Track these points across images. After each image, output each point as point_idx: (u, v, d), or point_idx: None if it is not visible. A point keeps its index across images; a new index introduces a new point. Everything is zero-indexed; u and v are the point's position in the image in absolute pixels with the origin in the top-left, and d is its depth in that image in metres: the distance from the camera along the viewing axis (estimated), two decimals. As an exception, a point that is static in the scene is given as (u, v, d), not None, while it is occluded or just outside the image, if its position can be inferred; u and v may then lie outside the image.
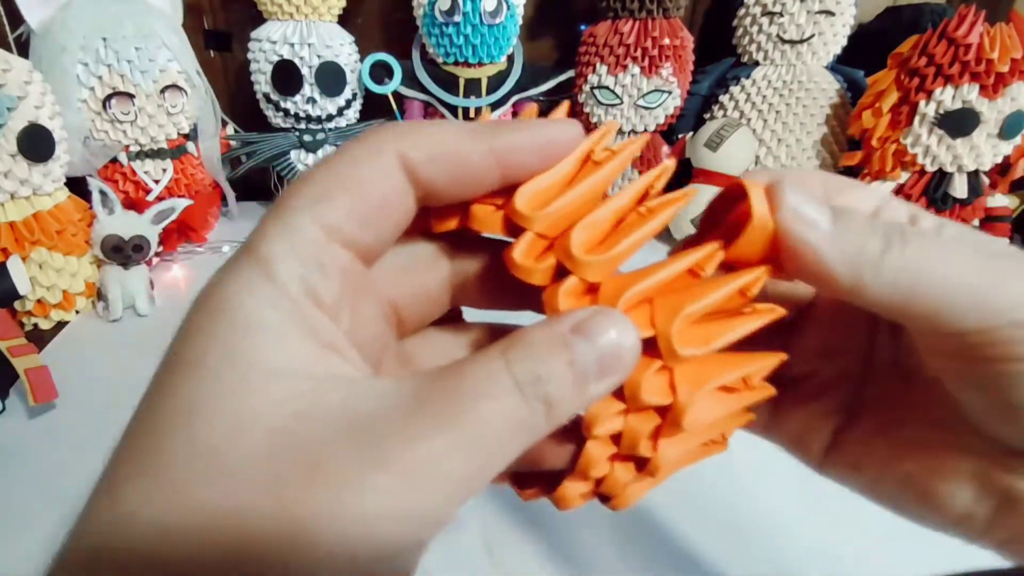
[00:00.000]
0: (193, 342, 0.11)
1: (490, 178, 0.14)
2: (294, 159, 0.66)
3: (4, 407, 0.39)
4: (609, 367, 0.12)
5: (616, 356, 0.13)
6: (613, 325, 0.13)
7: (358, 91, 0.67)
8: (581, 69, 0.65)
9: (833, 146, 0.67)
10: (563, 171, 0.14)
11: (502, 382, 0.12)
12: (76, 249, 0.50)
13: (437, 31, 0.62)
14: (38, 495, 0.33)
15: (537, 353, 0.12)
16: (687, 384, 0.14)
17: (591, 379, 0.12)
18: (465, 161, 0.13)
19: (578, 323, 0.12)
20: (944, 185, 0.56)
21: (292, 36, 0.61)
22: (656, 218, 0.14)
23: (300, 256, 0.12)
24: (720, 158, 0.61)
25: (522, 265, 0.14)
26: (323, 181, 0.12)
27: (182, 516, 0.10)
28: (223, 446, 0.10)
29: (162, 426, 0.11)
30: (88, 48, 0.54)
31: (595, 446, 0.15)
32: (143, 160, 0.60)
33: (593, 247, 0.14)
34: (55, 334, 0.49)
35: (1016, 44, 0.50)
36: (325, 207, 0.12)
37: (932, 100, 0.54)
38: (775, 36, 0.63)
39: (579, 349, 0.12)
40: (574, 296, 0.14)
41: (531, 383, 0.12)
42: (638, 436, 0.14)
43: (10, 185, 0.46)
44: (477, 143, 0.13)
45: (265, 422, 0.11)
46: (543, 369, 0.12)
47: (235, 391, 0.11)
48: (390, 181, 0.13)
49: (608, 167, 0.14)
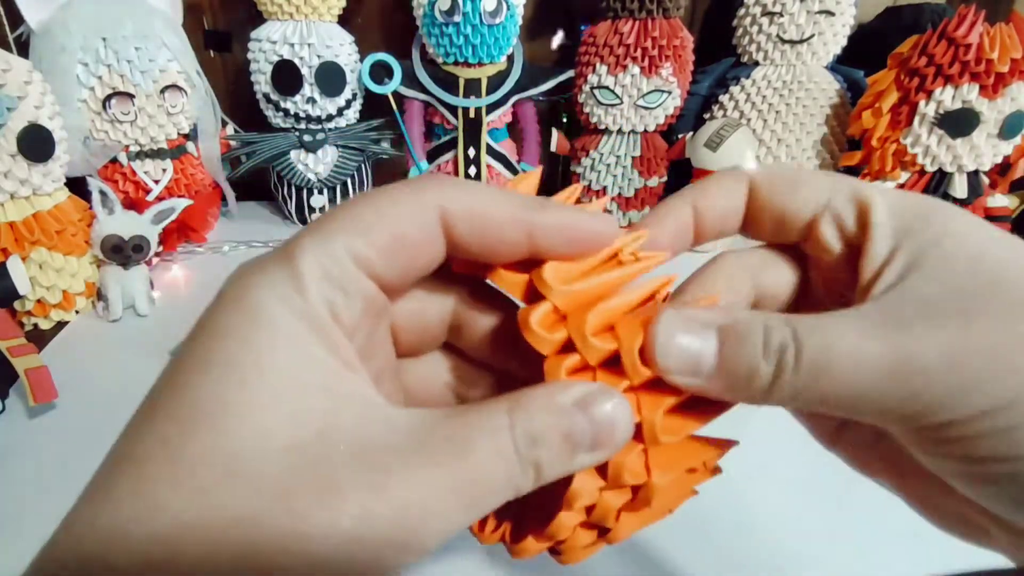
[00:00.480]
0: (225, 342, 0.12)
1: (519, 250, 0.14)
2: (294, 159, 0.66)
3: (4, 407, 0.39)
4: (601, 443, 0.13)
5: (609, 434, 0.13)
6: (612, 404, 0.13)
7: (358, 91, 0.67)
8: (581, 69, 0.65)
9: (833, 146, 0.67)
10: (591, 262, 0.15)
11: (503, 441, 0.12)
12: (76, 249, 0.50)
13: (437, 31, 0.62)
14: (38, 495, 0.33)
15: (539, 418, 0.13)
16: (660, 468, 0.15)
17: (582, 451, 0.13)
18: (500, 229, 0.14)
19: (582, 398, 0.13)
20: (944, 185, 0.56)
21: (292, 36, 0.61)
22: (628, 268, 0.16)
23: (330, 278, 0.13)
24: (720, 158, 0.61)
25: (535, 331, 0.14)
26: (364, 214, 0.13)
27: (200, 514, 0.11)
28: (245, 454, 0.11)
29: (189, 420, 0.11)
30: (88, 48, 0.54)
31: (568, 516, 0.16)
32: (143, 160, 0.60)
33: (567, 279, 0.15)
34: (55, 334, 0.49)
35: (1016, 44, 0.50)
36: (361, 238, 0.13)
37: (932, 100, 0.54)
38: (775, 36, 0.63)
39: (578, 423, 0.13)
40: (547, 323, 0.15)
41: (527, 446, 0.13)
42: (609, 511, 0.15)
43: (10, 185, 0.46)
44: (517, 216, 0.14)
45: (285, 437, 0.11)
46: (540, 435, 0.13)
47: (261, 399, 0.11)
48: (426, 228, 0.14)
49: (631, 268, 0.16)
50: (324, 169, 0.67)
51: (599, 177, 0.68)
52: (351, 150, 0.68)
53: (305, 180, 0.67)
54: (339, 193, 0.69)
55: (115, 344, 0.48)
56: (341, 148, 0.67)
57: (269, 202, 0.74)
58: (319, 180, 0.67)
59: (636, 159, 0.67)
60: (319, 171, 0.67)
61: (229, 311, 0.12)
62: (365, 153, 0.69)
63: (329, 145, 0.67)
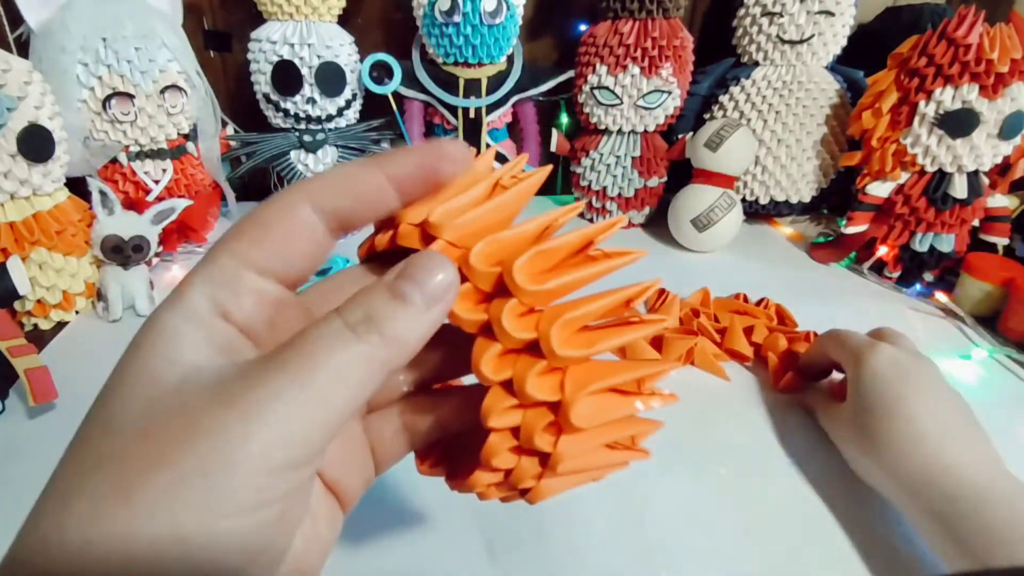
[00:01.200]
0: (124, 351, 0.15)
1: (389, 199, 0.16)
2: (294, 159, 0.66)
3: (4, 407, 0.39)
4: (435, 298, 0.15)
5: (439, 288, 0.15)
6: (427, 259, 0.15)
7: (358, 91, 0.67)
8: (581, 69, 0.65)
9: (833, 146, 0.67)
10: (475, 195, 0.16)
11: (335, 327, 0.14)
12: (76, 249, 0.50)
13: (437, 31, 0.62)
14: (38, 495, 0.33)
15: (366, 299, 0.14)
16: (574, 384, 0.16)
17: (421, 309, 0.15)
18: (363, 188, 0.16)
19: (401, 270, 0.15)
20: (944, 185, 0.56)
21: (292, 36, 0.61)
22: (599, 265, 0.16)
23: (210, 281, 0.15)
24: (720, 158, 0.61)
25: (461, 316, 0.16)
26: (240, 224, 0.15)
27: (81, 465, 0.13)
28: (118, 412, 0.13)
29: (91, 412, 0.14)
30: (88, 48, 0.54)
31: (496, 438, 0.17)
32: (143, 160, 0.60)
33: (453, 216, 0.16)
34: (55, 334, 0.49)
35: (1016, 44, 0.50)
36: (236, 242, 0.15)
37: (932, 100, 0.54)
38: (775, 36, 0.63)
39: (403, 287, 0.15)
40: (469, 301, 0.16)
41: (362, 323, 0.14)
42: (533, 428, 0.16)
43: (10, 185, 0.46)
44: (371, 170, 0.16)
45: (149, 393, 0.13)
46: (372, 310, 0.14)
47: (134, 375, 0.14)
48: (293, 215, 0.16)
49: (513, 191, 0.17)
50: (324, 169, 0.67)
51: (599, 177, 0.68)
52: (351, 150, 0.68)
53: (305, 180, 0.67)
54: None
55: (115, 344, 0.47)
56: (341, 148, 0.67)
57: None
58: (319, 180, 0.67)
59: (636, 159, 0.67)
60: (319, 171, 0.67)
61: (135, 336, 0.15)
62: (365, 153, 0.69)
63: (329, 145, 0.67)
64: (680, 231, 0.65)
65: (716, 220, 0.62)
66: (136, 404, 0.13)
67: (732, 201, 0.63)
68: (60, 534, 0.12)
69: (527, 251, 0.15)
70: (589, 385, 0.16)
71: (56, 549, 0.12)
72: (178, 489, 0.12)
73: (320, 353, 0.14)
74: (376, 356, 0.14)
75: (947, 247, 0.58)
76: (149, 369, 0.14)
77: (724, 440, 0.39)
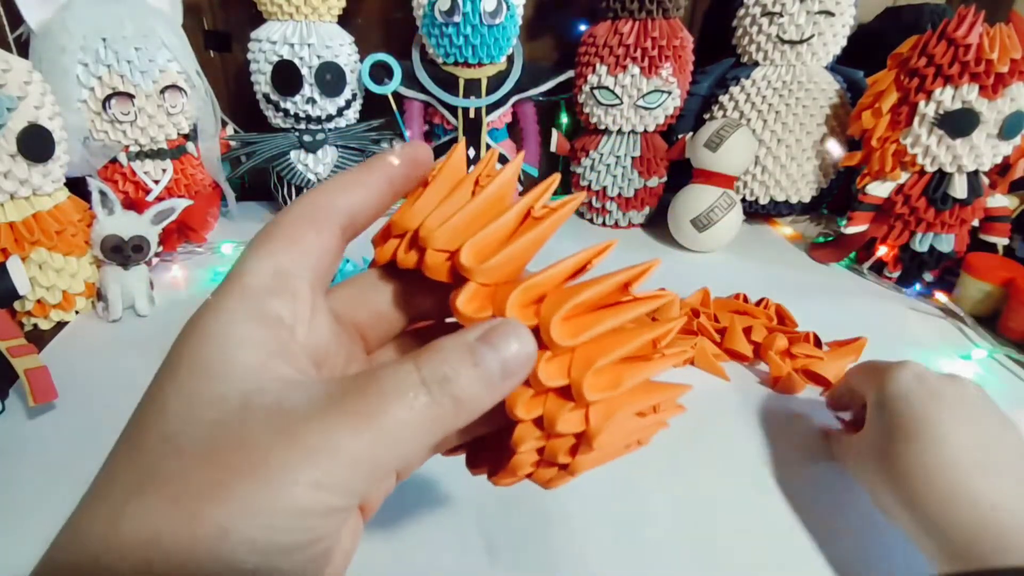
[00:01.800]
0: (171, 358, 0.14)
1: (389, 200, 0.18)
2: (294, 159, 0.66)
3: (4, 407, 0.39)
4: (511, 370, 0.15)
5: (515, 359, 0.15)
6: (512, 333, 0.15)
7: (358, 91, 0.67)
8: (581, 69, 0.65)
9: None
10: (505, 223, 0.17)
11: (409, 381, 0.14)
12: (76, 249, 0.50)
13: (437, 31, 0.62)
14: (38, 495, 0.33)
15: (445, 359, 0.14)
16: (600, 416, 0.16)
17: (496, 380, 0.15)
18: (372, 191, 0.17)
19: (484, 333, 0.15)
20: (944, 185, 0.56)
21: (292, 36, 0.61)
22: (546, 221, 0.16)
23: (260, 287, 0.15)
24: (720, 158, 0.61)
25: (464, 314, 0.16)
26: (271, 232, 0.16)
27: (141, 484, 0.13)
28: (178, 432, 0.13)
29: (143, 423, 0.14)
30: (88, 48, 0.54)
31: (523, 456, 0.17)
32: (143, 160, 0.60)
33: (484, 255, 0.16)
34: (55, 334, 0.49)
35: (1016, 44, 0.50)
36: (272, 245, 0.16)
37: (932, 100, 0.54)
38: (775, 36, 0.63)
39: (485, 356, 0.15)
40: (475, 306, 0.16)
41: (438, 383, 0.14)
42: (558, 452, 0.17)
43: (10, 185, 0.46)
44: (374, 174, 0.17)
45: (211, 413, 0.13)
46: (451, 372, 0.14)
47: (192, 392, 0.14)
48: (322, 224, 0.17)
49: (546, 224, 0.17)
50: (324, 169, 0.67)
51: (599, 177, 0.68)
52: (351, 150, 0.68)
53: (305, 180, 0.67)
54: (339, 193, 0.69)
55: (115, 344, 0.48)
56: (341, 148, 0.67)
57: (269, 202, 0.74)
58: (319, 180, 0.67)
59: (636, 159, 0.67)
60: (319, 171, 0.67)
61: (182, 334, 0.15)
62: (365, 153, 0.69)
63: (329, 145, 0.67)
64: (680, 231, 0.65)
65: (716, 220, 0.62)
66: (200, 427, 0.13)
67: (732, 201, 0.63)
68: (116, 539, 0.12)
69: (563, 302, 0.16)
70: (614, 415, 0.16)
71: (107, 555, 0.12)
72: (236, 523, 0.12)
73: (392, 405, 0.14)
74: (443, 418, 0.14)
75: (947, 247, 0.58)
76: (212, 385, 0.14)
77: (724, 440, 0.39)
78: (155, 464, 0.13)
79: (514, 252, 0.16)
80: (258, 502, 0.12)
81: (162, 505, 0.12)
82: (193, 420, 0.13)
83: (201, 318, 0.15)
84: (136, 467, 0.13)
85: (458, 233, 0.16)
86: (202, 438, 0.13)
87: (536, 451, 0.17)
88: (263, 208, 0.75)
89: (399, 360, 0.15)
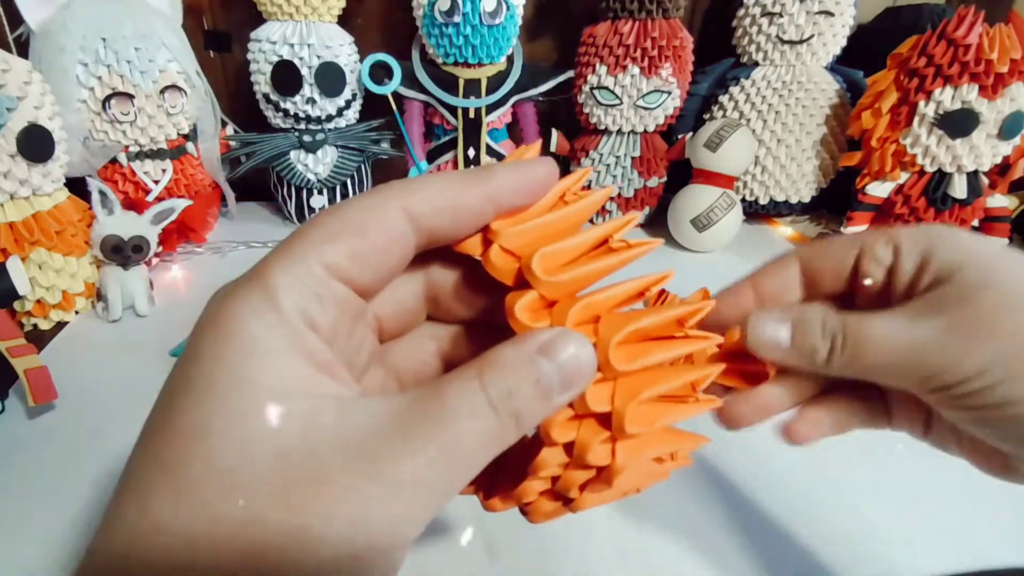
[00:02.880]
0: (203, 365, 0.13)
1: (485, 217, 0.16)
2: (293, 159, 0.66)
3: (4, 407, 0.39)
4: (570, 383, 0.14)
5: (576, 371, 0.14)
6: (573, 344, 0.14)
7: (358, 91, 0.67)
8: (581, 69, 0.65)
9: (832, 146, 0.67)
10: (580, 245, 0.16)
11: (478, 401, 0.13)
12: (75, 250, 0.50)
13: (437, 31, 0.62)
14: (38, 495, 0.33)
15: (509, 373, 0.14)
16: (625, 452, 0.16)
17: (555, 393, 0.14)
18: (465, 208, 0.15)
19: (543, 344, 0.14)
20: (943, 185, 0.56)
21: (292, 36, 0.61)
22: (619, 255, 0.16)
23: (302, 288, 0.14)
24: (720, 158, 0.61)
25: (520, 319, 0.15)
26: (331, 225, 0.14)
27: (207, 527, 0.11)
28: (237, 465, 0.12)
29: (181, 444, 0.12)
30: (88, 48, 0.54)
31: (534, 483, 0.17)
32: (143, 160, 0.60)
33: (553, 269, 0.16)
34: (55, 334, 0.49)
35: (1015, 45, 0.51)
36: (330, 248, 0.14)
37: (931, 100, 0.54)
38: (774, 37, 0.63)
39: (544, 368, 0.14)
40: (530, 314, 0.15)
41: (503, 400, 0.13)
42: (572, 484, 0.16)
43: (10, 185, 0.46)
44: (474, 191, 0.15)
45: (270, 443, 0.12)
46: (514, 387, 0.14)
47: (242, 413, 0.12)
48: (392, 230, 0.15)
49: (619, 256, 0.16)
50: (324, 169, 0.67)
51: (599, 177, 0.68)
52: (351, 150, 0.68)
53: (305, 180, 0.67)
54: (339, 193, 0.69)
55: (115, 344, 0.48)
56: (341, 148, 0.67)
57: (269, 202, 0.74)
58: (319, 180, 0.67)
59: (636, 159, 0.67)
60: (319, 171, 0.67)
61: (206, 334, 0.13)
62: (365, 153, 0.69)
63: (329, 145, 0.67)
64: (680, 231, 0.65)
65: (716, 220, 0.62)
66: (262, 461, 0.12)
67: (732, 201, 0.63)
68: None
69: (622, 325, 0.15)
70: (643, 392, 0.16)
71: None
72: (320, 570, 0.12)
73: (465, 429, 0.13)
74: (506, 436, 0.14)
75: (947, 247, 0.58)
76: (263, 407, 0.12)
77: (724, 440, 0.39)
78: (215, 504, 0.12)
79: (582, 274, 0.16)
80: (341, 546, 0.12)
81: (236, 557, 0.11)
82: (252, 452, 0.12)
83: (236, 322, 0.13)
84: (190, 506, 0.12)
85: (530, 239, 0.16)
86: (266, 474, 0.12)
87: (549, 479, 0.17)
88: (263, 208, 0.75)
89: (460, 375, 0.14)
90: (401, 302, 0.18)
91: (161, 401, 0.13)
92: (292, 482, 0.12)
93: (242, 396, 0.12)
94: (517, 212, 0.16)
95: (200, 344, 0.13)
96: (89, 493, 0.33)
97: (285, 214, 0.71)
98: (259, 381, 0.12)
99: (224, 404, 0.12)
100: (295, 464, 0.12)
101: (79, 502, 0.32)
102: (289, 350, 0.13)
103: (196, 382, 0.12)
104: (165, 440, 0.12)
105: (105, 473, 0.34)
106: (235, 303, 0.13)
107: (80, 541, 0.30)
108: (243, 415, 0.12)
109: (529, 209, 0.16)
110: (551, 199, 0.17)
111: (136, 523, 0.12)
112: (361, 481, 0.12)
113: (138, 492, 0.12)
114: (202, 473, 0.12)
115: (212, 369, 0.12)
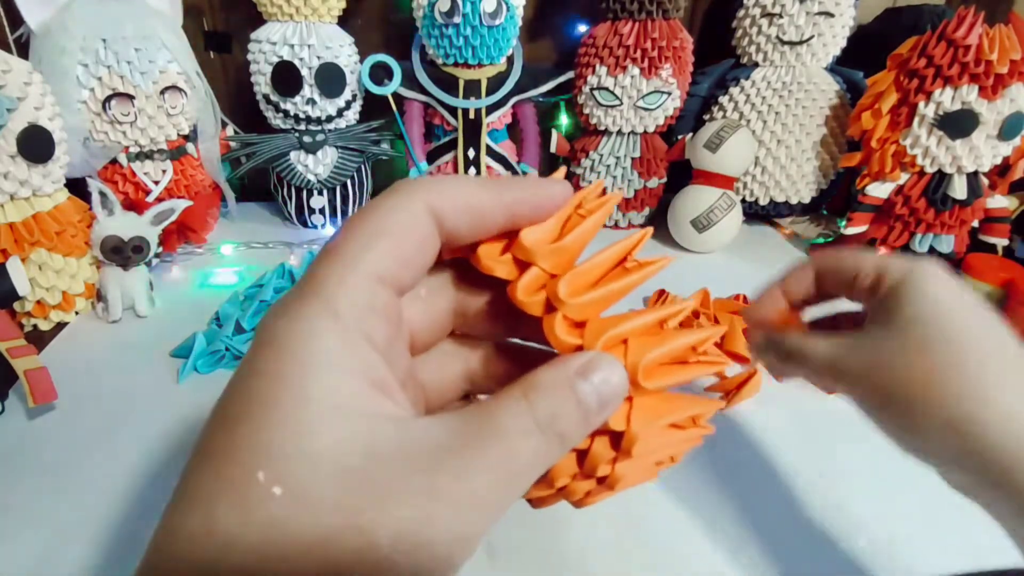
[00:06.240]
0: (265, 380, 0.13)
1: (499, 225, 0.16)
2: (294, 160, 0.66)
3: (4, 408, 0.39)
4: (606, 403, 0.15)
5: (612, 393, 0.15)
6: (609, 369, 0.15)
7: (358, 92, 0.67)
8: (581, 70, 0.65)
9: (832, 147, 0.67)
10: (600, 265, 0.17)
11: (527, 422, 0.14)
12: (76, 250, 0.50)
13: (437, 32, 0.62)
14: (38, 495, 0.33)
15: (552, 395, 0.14)
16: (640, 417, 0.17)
17: (593, 414, 0.15)
18: (483, 212, 0.16)
19: (581, 367, 0.15)
20: (943, 186, 0.56)
21: (292, 37, 0.61)
22: (635, 275, 0.17)
23: (358, 300, 0.14)
24: (720, 159, 0.61)
25: (522, 299, 0.16)
26: (368, 229, 0.15)
27: (279, 545, 0.12)
28: (305, 483, 0.12)
29: (246, 461, 0.12)
30: (88, 49, 0.54)
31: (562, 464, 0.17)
32: (143, 161, 0.60)
33: (578, 291, 0.17)
34: (55, 335, 0.49)
35: (1015, 45, 0.51)
36: (375, 253, 0.14)
37: (931, 101, 0.54)
38: (774, 37, 0.63)
39: (584, 391, 0.15)
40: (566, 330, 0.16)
41: (549, 421, 0.14)
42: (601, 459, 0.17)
43: (10, 186, 0.46)
44: (494, 197, 0.16)
45: (336, 463, 0.12)
46: (558, 409, 0.14)
47: (308, 432, 0.12)
48: (423, 228, 0.15)
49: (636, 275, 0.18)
50: (324, 170, 0.67)
51: (599, 178, 0.68)
52: (351, 151, 0.68)
53: (305, 181, 0.67)
54: (339, 194, 0.69)
55: (115, 345, 0.48)
56: (341, 149, 0.68)
57: (269, 203, 0.74)
58: (319, 181, 0.67)
59: (636, 160, 0.67)
60: (319, 172, 0.67)
61: (268, 350, 0.13)
62: (365, 154, 0.69)
63: (329, 146, 0.67)
64: (680, 232, 0.65)
65: (716, 221, 0.62)
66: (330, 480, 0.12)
67: (732, 202, 0.63)
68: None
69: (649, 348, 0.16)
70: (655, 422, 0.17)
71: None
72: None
73: (518, 450, 0.14)
74: (551, 456, 0.14)
75: (946, 248, 0.58)
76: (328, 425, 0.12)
77: (724, 440, 0.39)
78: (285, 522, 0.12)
79: (603, 295, 0.17)
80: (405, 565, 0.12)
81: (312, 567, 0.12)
82: (319, 471, 0.12)
83: (299, 339, 0.13)
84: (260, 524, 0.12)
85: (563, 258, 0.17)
86: (335, 494, 0.12)
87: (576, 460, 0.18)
88: (263, 209, 0.75)
89: (508, 396, 0.14)
90: (432, 314, 0.19)
91: (219, 414, 0.13)
92: (360, 501, 0.12)
93: (307, 414, 0.12)
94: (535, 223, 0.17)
95: (262, 359, 0.13)
96: (89, 494, 0.33)
97: (285, 215, 0.71)
98: (324, 400, 0.13)
99: (289, 422, 0.12)
100: (361, 483, 0.12)
101: (79, 503, 0.32)
102: (350, 368, 0.13)
103: (259, 398, 0.13)
104: (228, 455, 0.12)
105: (105, 474, 0.34)
106: (296, 319, 0.13)
107: (80, 541, 0.30)
108: (309, 434, 0.12)
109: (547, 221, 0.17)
110: (568, 209, 0.18)
111: (202, 540, 0.12)
112: (424, 500, 0.12)
113: (203, 508, 0.12)
114: (269, 491, 0.12)
115: (275, 386, 0.13)
